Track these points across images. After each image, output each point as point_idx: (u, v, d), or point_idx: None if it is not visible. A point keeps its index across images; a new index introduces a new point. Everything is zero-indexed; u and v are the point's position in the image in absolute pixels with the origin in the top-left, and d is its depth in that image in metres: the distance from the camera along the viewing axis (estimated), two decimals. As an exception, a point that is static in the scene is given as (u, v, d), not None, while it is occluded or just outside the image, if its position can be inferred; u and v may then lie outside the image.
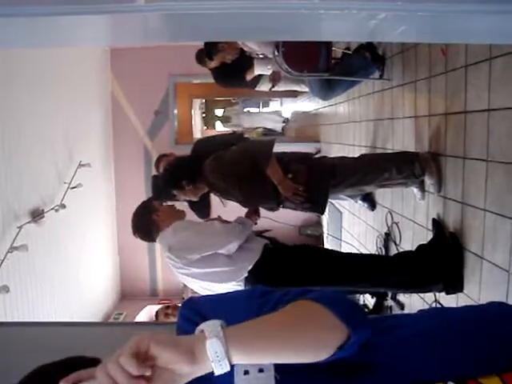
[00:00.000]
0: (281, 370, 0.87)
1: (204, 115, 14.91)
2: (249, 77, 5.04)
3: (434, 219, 3.25)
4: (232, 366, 0.83)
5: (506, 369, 0.90)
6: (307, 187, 3.19)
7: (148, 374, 0.73)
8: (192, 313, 0.97)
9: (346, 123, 5.70)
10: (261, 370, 0.87)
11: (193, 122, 10.81)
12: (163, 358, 0.74)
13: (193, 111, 10.93)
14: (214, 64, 5.05)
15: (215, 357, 0.75)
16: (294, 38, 1.62)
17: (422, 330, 0.98)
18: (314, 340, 0.85)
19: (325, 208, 3.37)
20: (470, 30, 1.53)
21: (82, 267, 6.23)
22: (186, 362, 0.74)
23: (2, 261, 3.93)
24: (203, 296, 1.07)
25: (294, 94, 8.84)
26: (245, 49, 4.81)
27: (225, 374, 0.86)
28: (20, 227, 4.31)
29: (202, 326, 0.79)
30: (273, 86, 4.09)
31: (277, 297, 0.97)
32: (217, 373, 0.77)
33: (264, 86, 5.19)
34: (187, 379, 0.76)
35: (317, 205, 3.32)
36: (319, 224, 8.04)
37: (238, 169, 3.14)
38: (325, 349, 0.84)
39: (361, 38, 1.53)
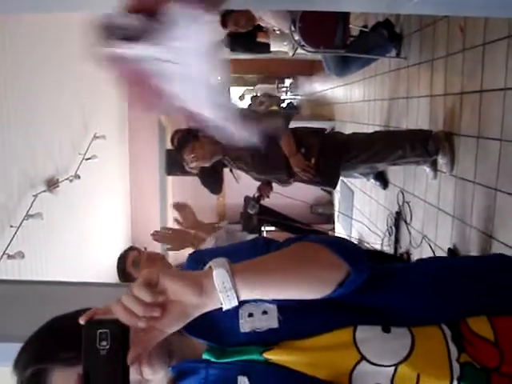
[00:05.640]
0: (284, 312, 0.90)
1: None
2: (260, 37, 5.03)
3: (449, 249, 3.19)
4: (237, 311, 0.88)
5: (498, 312, 0.93)
6: (320, 161, 3.21)
7: (161, 299, 0.76)
8: (197, 263, 0.99)
9: (361, 102, 5.68)
10: (264, 312, 0.91)
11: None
12: (173, 289, 0.77)
13: (208, 87, 10.92)
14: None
15: (222, 287, 0.78)
16: (311, 8, 1.62)
17: (414, 277, 1.01)
18: (314, 275, 0.88)
19: (337, 183, 3.38)
20: (488, 3, 1.53)
21: (95, 237, 6.31)
22: (195, 293, 0.77)
23: (18, 228, 4.00)
24: (209, 248, 1.10)
25: (309, 72, 8.78)
26: (261, 24, 4.78)
27: (231, 317, 0.90)
28: (35, 195, 4.36)
29: (210, 262, 0.82)
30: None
31: (279, 243, 1.00)
32: (225, 306, 0.79)
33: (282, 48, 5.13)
34: (199, 311, 0.79)
35: (328, 179, 3.34)
36: (331, 203, 8.06)
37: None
38: (325, 284, 0.87)
39: (378, 9, 1.52)
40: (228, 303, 0.79)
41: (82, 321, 0.77)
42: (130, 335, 0.77)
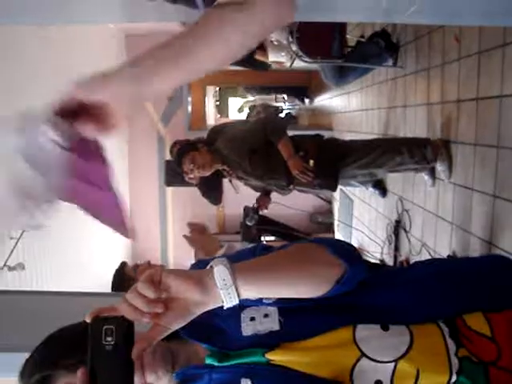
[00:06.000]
0: (284, 314, 0.92)
1: (218, 103, 14.90)
2: (258, 56, 5.07)
3: (449, 256, 3.26)
4: (239, 316, 0.91)
5: (493, 309, 0.96)
6: (318, 163, 3.21)
7: (164, 296, 0.78)
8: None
9: (359, 111, 5.71)
10: (266, 315, 0.93)
11: (206, 110, 10.85)
12: (176, 286, 0.79)
13: (206, 99, 10.96)
14: None
15: (223, 284, 0.80)
16: (307, 19, 1.64)
17: (412, 277, 1.03)
18: (313, 272, 0.90)
19: (336, 185, 3.37)
20: (483, 12, 1.56)
21: (95, 247, 6.32)
22: (196, 290, 0.79)
23: (18, 239, 4.01)
24: (211, 257, 1.12)
25: (307, 83, 8.81)
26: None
27: (233, 322, 0.92)
28: (35, 207, 4.38)
29: (211, 262, 0.84)
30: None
31: (278, 248, 1.03)
32: (226, 304, 0.81)
33: (280, 58, 5.15)
34: (201, 309, 0.81)
35: (328, 181, 3.34)
36: (330, 212, 8.08)
37: (251, 139, 3.19)
38: (323, 282, 0.89)
39: (374, 17, 1.54)
40: (229, 300, 0.81)
41: (88, 318, 0.79)
42: (134, 332, 0.79)
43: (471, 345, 0.91)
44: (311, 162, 3.21)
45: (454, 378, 0.87)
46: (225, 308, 0.82)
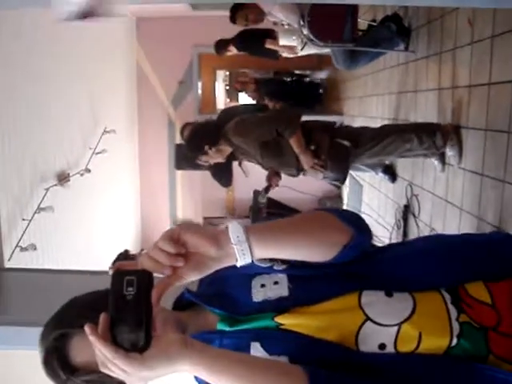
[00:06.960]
0: (293, 281, 0.97)
1: (227, 87, 14.79)
2: (268, 44, 5.05)
3: None
4: (250, 283, 0.95)
5: (493, 279, 0.99)
6: (329, 157, 3.22)
7: (183, 251, 0.83)
8: None
9: (370, 96, 5.68)
10: (276, 283, 0.97)
11: (216, 94, 10.82)
12: (192, 242, 0.84)
13: (216, 83, 10.91)
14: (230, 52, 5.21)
15: (237, 240, 0.85)
16: (319, 0, 1.63)
17: (416, 248, 1.09)
18: (323, 235, 0.95)
19: (345, 178, 3.41)
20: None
21: (105, 229, 6.38)
22: (212, 245, 0.85)
23: (30, 221, 4.06)
24: None
25: (318, 67, 8.74)
26: (270, 18, 4.79)
27: (244, 289, 0.98)
28: (47, 189, 4.42)
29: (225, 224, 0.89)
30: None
31: None
32: (240, 261, 0.86)
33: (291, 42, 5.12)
34: (216, 265, 0.86)
35: (338, 174, 3.36)
36: (339, 197, 8.07)
37: (262, 133, 3.20)
38: (332, 245, 0.94)
39: (386, 1, 1.53)
40: (242, 257, 0.86)
41: (110, 271, 0.82)
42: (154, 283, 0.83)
43: (472, 311, 0.94)
44: (322, 157, 3.23)
45: (454, 341, 0.91)
46: (238, 265, 0.86)
